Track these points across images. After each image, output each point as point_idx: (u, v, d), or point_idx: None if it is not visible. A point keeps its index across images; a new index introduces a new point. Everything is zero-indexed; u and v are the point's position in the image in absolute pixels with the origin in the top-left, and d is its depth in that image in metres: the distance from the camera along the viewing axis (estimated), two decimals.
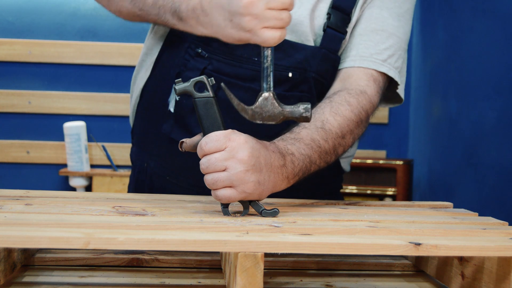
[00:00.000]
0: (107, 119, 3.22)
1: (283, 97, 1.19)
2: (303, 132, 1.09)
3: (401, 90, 1.30)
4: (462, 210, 1.19)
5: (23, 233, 0.77)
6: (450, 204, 1.24)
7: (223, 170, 0.95)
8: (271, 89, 1.01)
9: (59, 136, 3.16)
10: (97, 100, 3.20)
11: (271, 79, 1.01)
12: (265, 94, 1.00)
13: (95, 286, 0.95)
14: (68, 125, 3.09)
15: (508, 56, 2.10)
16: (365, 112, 1.19)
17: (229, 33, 1.05)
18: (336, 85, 1.25)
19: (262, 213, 0.98)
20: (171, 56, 1.30)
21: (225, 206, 0.99)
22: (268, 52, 1.02)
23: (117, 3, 1.27)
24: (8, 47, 3.15)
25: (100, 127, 3.21)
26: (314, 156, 1.08)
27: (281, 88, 1.23)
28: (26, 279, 0.97)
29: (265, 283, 0.95)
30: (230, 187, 0.96)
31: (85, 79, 3.20)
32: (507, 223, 1.04)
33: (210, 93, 0.98)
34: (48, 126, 3.19)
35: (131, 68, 3.20)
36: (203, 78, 0.99)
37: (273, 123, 1.00)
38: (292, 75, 1.23)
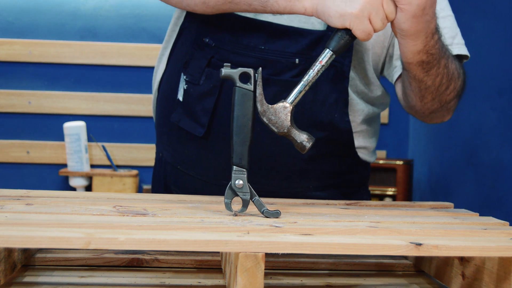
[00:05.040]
0: (107, 119, 3.22)
1: (291, 83, 1.20)
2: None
3: (465, 50, 1.31)
4: (463, 210, 1.19)
5: (23, 233, 0.77)
6: (450, 204, 1.24)
7: None
8: (294, 103, 1.01)
9: (59, 136, 3.15)
10: (97, 100, 3.20)
11: (301, 95, 1.02)
12: (287, 104, 1.01)
13: (95, 286, 0.95)
14: (68, 125, 3.09)
15: (508, 56, 2.10)
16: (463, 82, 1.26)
17: (334, 9, 1.02)
18: None
19: (263, 212, 0.98)
20: (181, 48, 1.31)
21: (228, 200, 0.99)
22: (317, 70, 1.02)
23: None
24: (8, 47, 3.14)
25: (100, 127, 3.21)
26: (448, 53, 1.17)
27: (288, 75, 1.23)
28: (27, 279, 0.97)
29: (265, 283, 0.95)
30: None
31: (85, 79, 3.20)
32: (507, 223, 1.04)
33: (252, 88, 0.99)
34: (48, 126, 3.19)
35: (131, 68, 3.22)
36: (250, 70, 0.99)
37: (275, 130, 1.01)
38: (299, 61, 1.23)
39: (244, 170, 0.99)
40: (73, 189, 3.11)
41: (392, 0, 1.02)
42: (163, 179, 1.39)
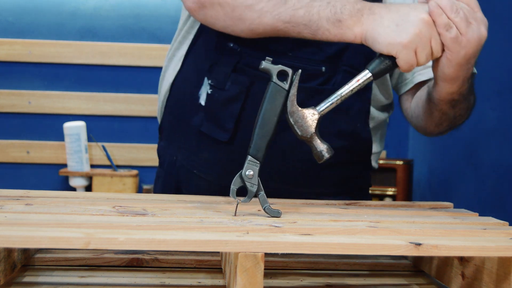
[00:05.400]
0: (107, 119, 3.22)
1: (316, 91, 1.21)
2: None
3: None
4: (462, 210, 1.19)
5: (23, 233, 0.77)
6: (450, 204, 1.24)
7: None
8: (323, 113, 1.02)
9: (59, 136, 3.16)
10: (97, 100, 3.20)
11: (332, 106, 1.03)
12: (315, 112, 1.02)
13: (95, 286, 0.95)
14: (68, 125, 3.09)
15: (508, 57, 2.10)
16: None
17: (383, 36, 1.03)
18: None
19: (265, 209, 0.98)
20: (202, 50, 1.29)
21: (234, 187, 1.00)
22: (352, 87, 1.03)
23: (252, 21, 1.15)
24: (8, 47, 3.15)
25: (100, 127, 3.21)
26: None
27: (314, 82, 1.23)
28: (26, 279, 0.97)
29: (265, 283, 0.95)
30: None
31: (85, 79, 3.20)
32: (507, 223, 1.04)
33: (287, 87, 1.00)
34: (48, 126, 3.19)
35: (131, 68, 3.22)
36: (289, 70, 1.00)
37: (298, 133, 1.01)
38: (325, 69, 1.23)
39: (258, 163, 0.99)
40: (73, 189, 3.11)
41: (441, 41, 1.03)
42: (175, 183, 1.37)
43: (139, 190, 3.19)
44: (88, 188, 3.13)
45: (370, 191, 2.77)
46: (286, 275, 1.04)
